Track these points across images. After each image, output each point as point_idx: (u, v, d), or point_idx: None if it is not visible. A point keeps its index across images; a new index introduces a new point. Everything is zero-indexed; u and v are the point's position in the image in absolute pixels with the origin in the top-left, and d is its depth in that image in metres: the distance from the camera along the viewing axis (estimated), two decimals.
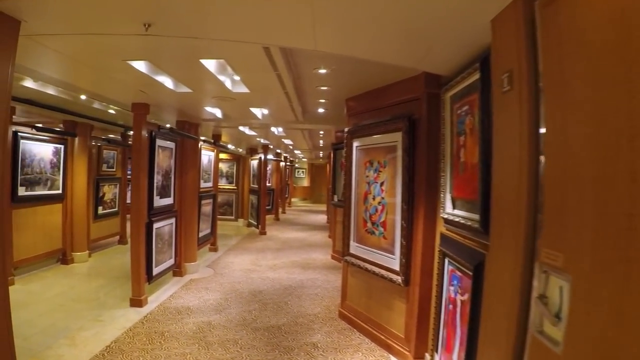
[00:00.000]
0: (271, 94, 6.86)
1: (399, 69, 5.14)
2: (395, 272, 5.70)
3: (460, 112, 4.32)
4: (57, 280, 9.15)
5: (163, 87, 6.38)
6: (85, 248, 10.96)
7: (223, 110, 8.93)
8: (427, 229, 5.22)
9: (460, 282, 4.19)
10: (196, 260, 10.32)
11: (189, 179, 9.96)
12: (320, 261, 12.09)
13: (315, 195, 38.26)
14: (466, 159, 4.17)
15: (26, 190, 9.12)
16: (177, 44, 4.43)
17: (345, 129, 7.03)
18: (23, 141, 9.00)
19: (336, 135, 12.71)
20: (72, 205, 10.62)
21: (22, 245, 9.02)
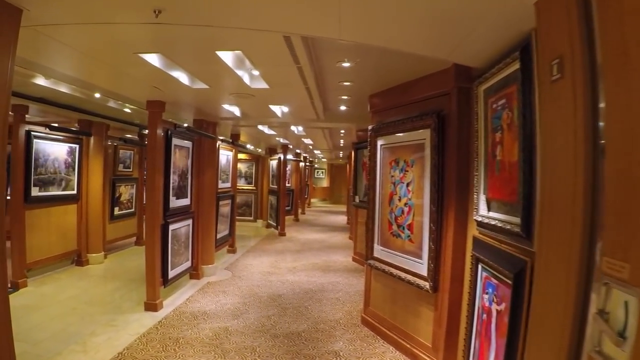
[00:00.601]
0: (292, 90, 6.57)
1: (427, 61, 4.84)
2: (423, 277, 5.39)
3: (496, 107, 4.00)
4: (71, 282, 8.98)
5: (178, 83, 6.13)
6: (100, 249, 10.81)
7: (241, 108, 8.68)
8: (457, 232, 4.89)
9: (496, 291, 3.88)
10: (214, 262, 10.08)
11: (207, 179, 9.74)
12: (341, 263, 11.81)
13: (335, 195, 38.07)
14: (503, 157, 3.84)
15: (40, 191, 8.95)
16: (190, 33, 4.17)
17: (368, 127, 6.73)
18: (36, 141, 8.83)
19: (357, 135, 12.41)
20: (88, 206, 10.46)
21: (36, 247, 8.86)
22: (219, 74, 5.73)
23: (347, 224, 20.93)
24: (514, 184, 3.53)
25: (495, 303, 3.89)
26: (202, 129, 9.44)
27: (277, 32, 3.98)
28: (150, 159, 7.44)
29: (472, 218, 4.61)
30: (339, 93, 7.38)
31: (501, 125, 3.88)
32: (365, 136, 11.42)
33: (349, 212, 20.85)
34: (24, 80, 6.57)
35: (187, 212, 8.91)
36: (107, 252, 11.36)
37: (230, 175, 12.23)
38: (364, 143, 11.36)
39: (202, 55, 4.95)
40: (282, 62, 5.02)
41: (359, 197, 11.86)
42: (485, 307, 4.10)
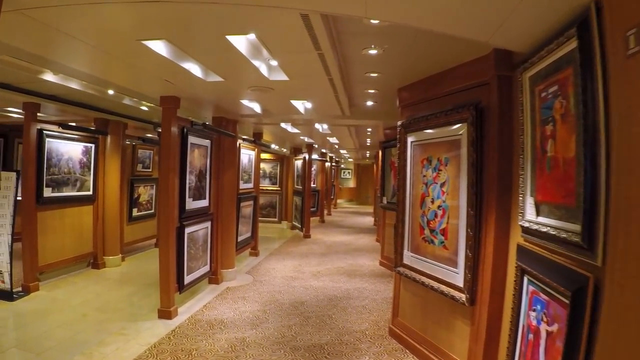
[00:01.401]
0: (314, 81, 6.07)
1: (462, 48, 4.38)
2: (458, 288, 4.85)
3: (546, 95, 3.46)
4: (85, 286, 8.64)
5: (191, 76, 5.70)
6: (117, 252, 10.50)
7: (262, 105, 8.26)
8: (499, 239, 4.34)
9: (546, 308, 3.34)
10: (234, 266, 9.66)
11: (227, 179, 9.34)
12: (367, 268, 11.30)
13: (361, 196, 37.75)
14: (556, 153, 3.30)
15: (53, 192, 8.66)
16: (196, 15, 3.71)
17: (397, 123, 6.22)
18: (49, 140, 8.54)
19: (385, 133, 11.91)
20: (104, 207, 10.17)
21: (49, 249, 8.60)
22: (233, 64, 5.25)
23: (374, 225, 20.56)
24: (570, 184, 3.00)
25: (545, 323, 3.35)
26: (222, 127, 9.05)
27: (293, 9, 3.47)
28: (164, 157, 7.06)
29: (516, 223, 4.06)
30: (366, 86, 6.85)
31: (552, 116, 3.34)
32: (393, 134, 11.03)
33: (376, 213, 20.35)
34: (32, 76, 6.29)
35: (205, 214, 8.52)
36: (125, 254, 11.07)
37: (253, 175, 11.84)
38: (392, 141, 10.95)
39: (211, 41, 4.44)
40: (301, 48, 4.51)
41: (387, 199, 11.38)
42: (532, 326, 3.56)
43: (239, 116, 9.34)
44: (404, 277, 6.05)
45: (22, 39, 4.45)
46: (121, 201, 10.60)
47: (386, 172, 11.62)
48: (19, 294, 7.76)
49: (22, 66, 5.76)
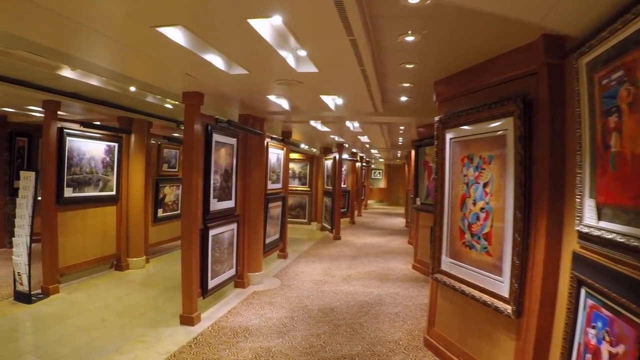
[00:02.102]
0: (345, 73, 5.66)
1: (507, 35, 4.02)
2: (503, 298, 4.43)
3: (609, 82, 3.03)
4: (107, 289, 8.44)
5: (213, 69, 5.37)
6: (142, 253, 10.29)
7: (290, 101, 7.91)
8: (550, 246, 3.91)
9: (609, 326, 2.92)
10: (261, 269, 9.37)
11: (254, 179, 9.06)
12: (400, 272, 10.89)
13: (392, 197, 37.60)
14: (622, 148, 2.87)
15: (74, 192, 8.48)
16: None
17: (435, 118, 5.82)
18: (70, 138, 8.35)
19: (418, 131, 11.54)
20: (128, 208, 9.99)
21: (70, 250, 8.42)
22: (258, 54, 4.90)
23: (405, 227, 20.15)
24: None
25: (607, 343, 2.94)
26: (249, 125, 8.75)
27: None
28: (187, 156, 6.79)
29: (570, 228, 3.64)
30: (400, 79, 6.43)
31: (617, 105, 2.91)
32: (426, 132, 10.72)
33: (407, 214, 20.05)
34: (50, 72, 6.10)
35: (231, 215, 8.22)
36: (150, 256, 10.87)
37: (281, 175, 11.53)
38: (425, 140, 10.68)
39: (232, 27, 4.05)
40: (332, 33, 4.09)
41: (421, 199, 10.99)
42: (591, 345, 3.14)
43: (266, 113, 9.03)
44: (441, 285, 5.64)
45: (34, 31, 4.22)
46: (146, 201, 10.40)
47: (420, 172, 11.20)
48: (38, 297, 7.58)
49: (38, 62, 5.57)
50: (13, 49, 5.08)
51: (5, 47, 5.03)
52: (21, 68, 5.97)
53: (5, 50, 5.20)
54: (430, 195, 10.32)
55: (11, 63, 5.65)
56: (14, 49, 5.04)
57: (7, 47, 5.01)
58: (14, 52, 5.21)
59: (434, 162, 10.20)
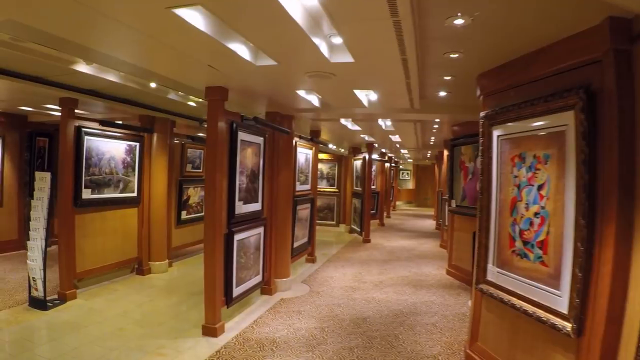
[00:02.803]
0: (384, 62, 5.19)
1: (567, 17, 3.59)
2: (561, 315, 3.96)
3: None
4: (126, 294, 8.15)
5: (238, 59, 4.96)
6: (164, 257, 10.01)
7: (321, 96, 7.49)
8: (619, 257, 3.44)
9: None
10: (289, 275, 8.98)
11: (282, 180, 8.70)
12: (433, 277, 10.43)
13: (420, 198, 37.10)
14: None
15: (92, 193, 8.20)
16: None
17: (480, 114, 5.35)
18: (88, 138, 8.08)
19: (453, 130, 11.16)
20: (150, 210, 9.72)
21: (88, 254, 8.17)
22: (287, 41, 4.45)
23: (436, 229, 19.73)
24: None
25: None
26: (276, 123, 8.37)
27: None
28: (209, 156, 6.43)
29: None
30: (442, 71, 5.93)
31: None
32: (462, 131, 10.41)
33: (438, 216, 19.58)
34: (64, 67, 5.82)
35: (257, 218, 7.84)
36: (173, 259, 10.64)
37: (310, 176, 11.17)
38: (460, 139, 10.28)
39: (259, 6, 3.63)
40: (374, 13, 3.63)
41: (456, 202, 10.52)
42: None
43: (294, 111, 8.63)
44: (486, 296, 5.18)
45: (48, 21, 3.92)
46: (169, 203, 10.14)
47: (455, 173, 10.73)
48: (54, 303, 7.32)
49: (50, 55, 5.32)
50: (26, 42, 4.83)
51: (19, 39, 4.76)
52: (37, 64, 5.73)
53: (20, 45, 4.96)
54: (467, 197, 9.91)
55: (26, 58, 5.42)
56: (28, 41, 4.79)
57: (20, 38, 4.73)
58: (29, 47, 4.98)
59: (470, 162, 9.90)
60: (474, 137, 9.22)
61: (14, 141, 11.19)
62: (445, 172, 14.06)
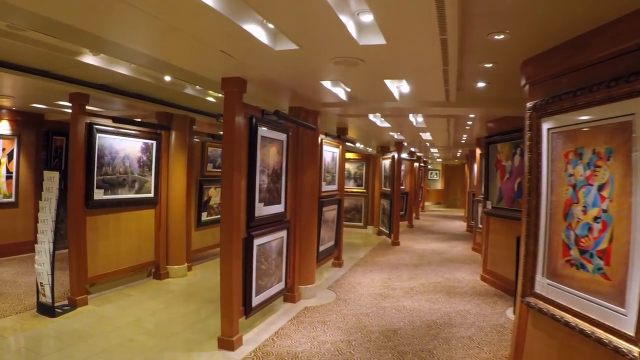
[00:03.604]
0: (420, 45, 4.61)
1: None
2: (626, 337, 3.37)
3: None
4: (140, 301, 7.77)
5: (255, 44, 4.46)
6: (183, 261, 9.64)
7: (348, 88, 6.97)
8: None
9: None
10: (314, 281, 8.48)
11: (307, 180, 8.21)
12: (467, 283, 9.87)
13: (449, 199, 36.74)
14: None
15: (105, 194, 7.83)
16: None
17: (527, 105, 4.77)
18: (100, 135, 7.69)
19: (487, 127, 10.59)
20: (168, 211, 9.36)
21: (101, 258, 7.81)
22: (310, 17, 3.89)
23: (467, 231, 19.18)
24: None
25: None
26: (301, 119, 7.88)
27: None
28: (226, 153, 5.94)
29: None
30: (483, 56, 5.34)
31: None
32: (497, 128, 9.95)
33: (469, 217, 19.10)
34: (70, 59, 5.49)
35: (280, 221, 7.35)
36: (193, 263, 10.26)
37: (337, 176, 10.72)
38: (496, 136, 9.74)
39: None
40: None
41: (492, 203, 9.92)
42: None
43: (320, 105, 8.11)
44: (533, 310, 4.61)
45: (40, 2, 3.51)
46: (188, 204, 9.80)
47: (491, 172, 10.11)
48: (63, 309, 6.98)
49: (54, 45, 4.97)
50: (25, 30, 4.52)
51: (17, 27, 4.41)
52: (41, 56, 5.45)
53: (19, 34, 4.63)
54: (504, 198, 9.33)
55: (28, 50, 5.11)
56: (27, 29, 4.46)
57: (18, 25, 4.38)
58: (29, 36, 4.68)
59: (507, 160, 9.31)
60: (512, 134, 8.80)
61: (30, 140, 11.02)
62: (478, 171, 13.58)
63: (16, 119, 10.57)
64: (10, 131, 10.56)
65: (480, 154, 13.33)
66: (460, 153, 23.95)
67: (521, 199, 8.18)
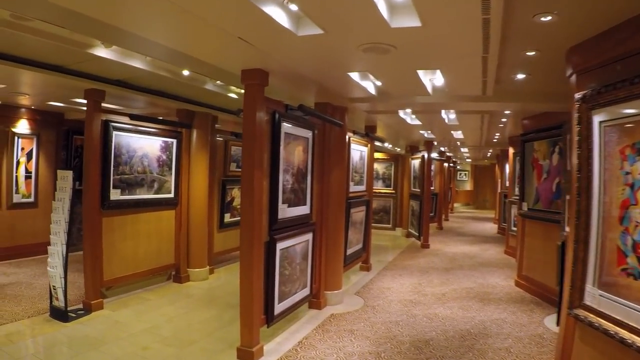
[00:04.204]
0: (458, 28, 4.15)
1: None
2: None
3: None
4: (158, 305, 7.49)
5: (275, 28, 4.05)
6: (204, 263, 9.38)
7: (378, 81, 6.53)
8: None
9: None
10: (341, 287, 8.11)
11: (334, 180, 7.84)
12: (501, 289, 9.40)
13: (478, 200, 36.09)
14: None
15: (122, 194, 7.60)
16: None
17: (576, 96, 4.33)
18: (117, 133, 7.46)
19: (523, 124, 10.15)
20: (189, 212, 9.11)
21: (117, 261, 7.58)
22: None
23: (497, 233, 18.69)
24: None
25: None
26: (327, 115, 7.48)
27: None
28: (246, 150, 5.56)
29: None
30: (526, 42, 4.84)
31: None
32: (532, 125, 9.55)
33: (500, 219, 18.60)
34: (81, 51, 5.25)
35: (305, 223, 6.97)
36: (215, 265, 10.02)
37: (365, 176, 10.33)
38: (532, 134, 9.31)
39: None
40: None
41: (528, 205, 9.46)
42: None
43: (347, 101, 7.70)
44: (582, 324, 4.17)
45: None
46: (210, 205, 9.53)
47: (527, 172, 9.66)
48: (77, 313, 6.74)
49: (63, 37, 4.74)
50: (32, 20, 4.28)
51: (22, 16, 4.16)
52: (52, 50, 5.23)
53: (24, 25, 4.41)
54: (541, 199, 8.87)
55: (43, 44, 4.90)
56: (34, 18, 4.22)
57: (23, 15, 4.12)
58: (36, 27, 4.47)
59: (545, 159, 8.84)
60: (550, 131, 8.39)
61: (50, 140, 10.96)
62: (511, 171, 13.25)
63: (35, 118, 10.49)
64: (29, 130, 10.49)
65: (514, 153, 13.01)
66: (490, 153, 23.32)
67: (560, 200, 7.86)
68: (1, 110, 9.88)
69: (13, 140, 10.19)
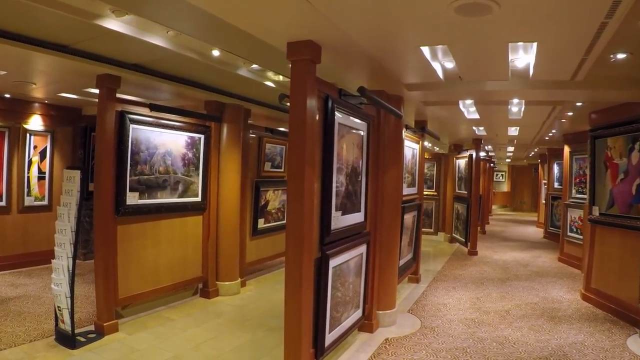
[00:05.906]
0: None
1: None
2: None
3: None
4: (183, 327, 6.62)
5: None
6: (236, 276, 8.61)
7: (454, 58, 5.34)
8: None
9: None
10: (395, 306, 7.13)
11: (388, 181, 6.92)
12: (568, 305, 8.42)
13: (515, 202, 35.42)
14: None
15: (141, 197, 6.79)
16: None
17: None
18: (135, 127, 6.64)
19: (590, 118, 9.17)
20: (219, 218, 8.33)
21: (135, 275, 6.80)
22: None
23: (544, 238, 18.05)
24: None
25: None
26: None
27: None
28: (293, 144, 4.52)
29: None
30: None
31: None
32: (603, 119, 8.89)
33: (546, 222, 17.96)
34: (88, 22, 4.33)
35: (359, 234, 6.03)
36: (248, 276, 9.25)
37: (417, 176, 9.55)
38: (603, 129, 8.45)
39: None
40: None
41: (600, 209, 8.52)
42: None
43: (404, 88, 6.66)
44: None
45: None
46: (242, 210, 8.76)
47: (597, 173, 8.73)
48: (87, 337, 5.91)
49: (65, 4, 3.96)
50: None
51: None
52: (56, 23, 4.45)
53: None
54: (617, 203, 7.95)
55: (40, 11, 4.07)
56: None
57: None
58: None
59: (622, 157, 7.79)
60: (627, 125, 7.55)
61: (66, 137, 10.35)
62: (567, 172, 12.82)
63: (50, 114, 9.88)
64: (43, 127, 9.89)
65: (571, 152, 12.43)
66: (534, 153, 22.29)
67: None
68: (11, 105, 9.20)
69: (25, 137, 9.56)
